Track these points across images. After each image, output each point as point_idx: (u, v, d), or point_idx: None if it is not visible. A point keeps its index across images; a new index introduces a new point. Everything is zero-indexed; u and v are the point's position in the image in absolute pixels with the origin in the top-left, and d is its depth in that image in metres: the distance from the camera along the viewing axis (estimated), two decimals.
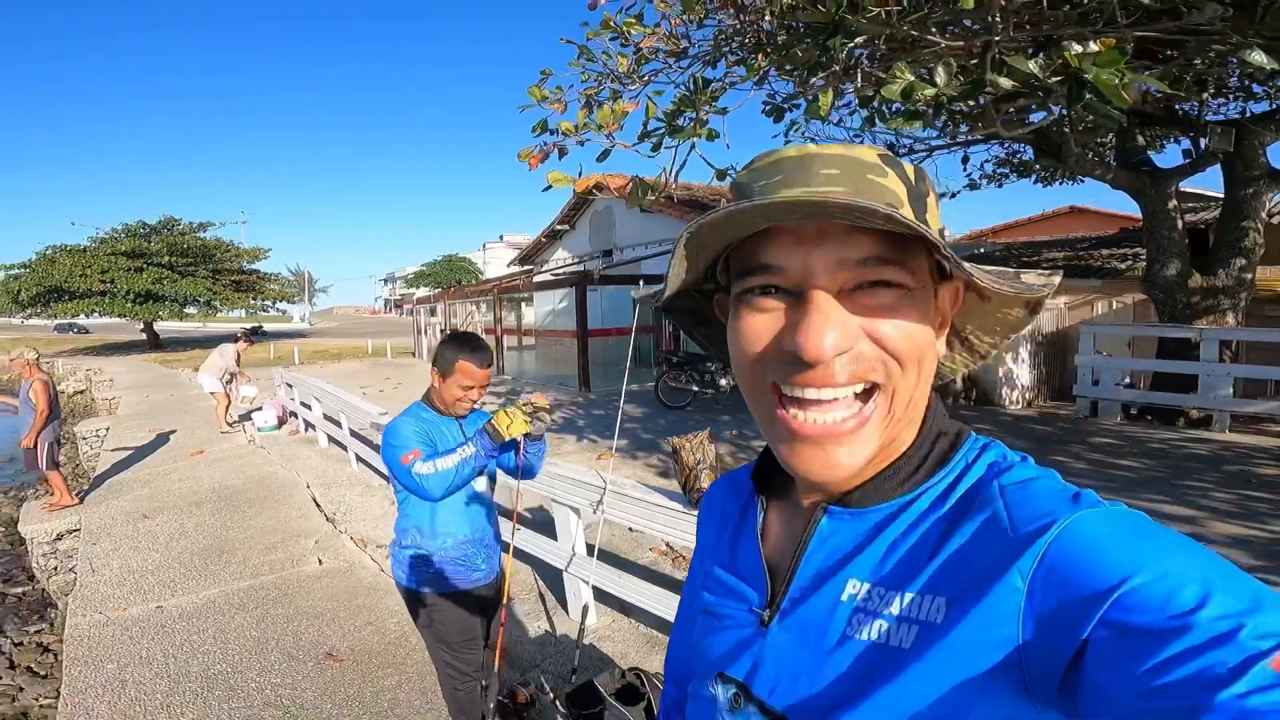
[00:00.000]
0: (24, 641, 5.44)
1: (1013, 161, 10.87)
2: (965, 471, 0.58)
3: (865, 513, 0.58)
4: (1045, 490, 0.53)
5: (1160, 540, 0.46)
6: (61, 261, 27.53)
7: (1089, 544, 0.46)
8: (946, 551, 0.53)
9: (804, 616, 0.59)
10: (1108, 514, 0.49)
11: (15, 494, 10.33)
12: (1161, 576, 0.42)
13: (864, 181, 0.53)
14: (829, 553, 0.59)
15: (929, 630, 0.51)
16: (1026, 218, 22.06)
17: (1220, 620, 0.39)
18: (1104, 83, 2.22)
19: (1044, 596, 0.46)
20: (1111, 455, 6.86)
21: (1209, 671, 0.37)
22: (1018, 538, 0.49)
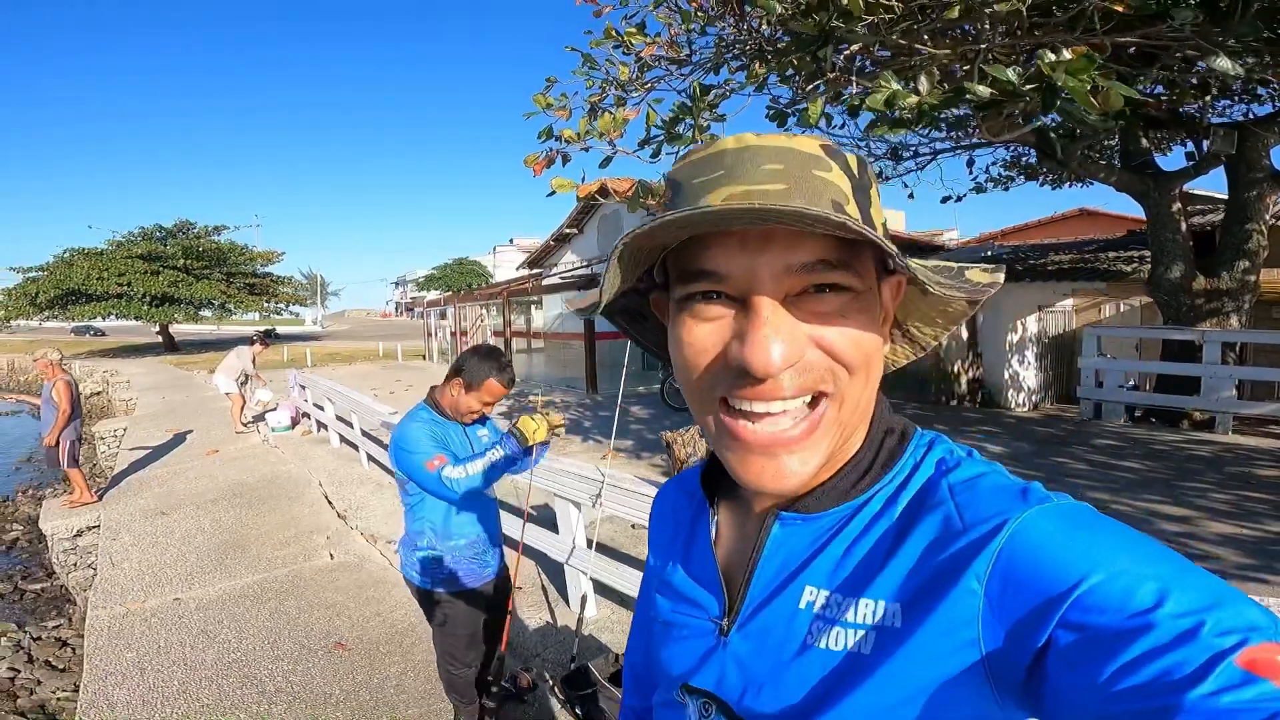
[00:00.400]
0: (42, 636, 5.58)
1: (1019, 164, 10.90)
2: (914, 471, 0.58)
3: (818, 518, 0.58)
4: (993, 487, 0.53)
5: (1112, 535, 0.46)
6: (79, 264, 27.88)
7: (1042, 543, 0.46)
8: (901, 555, 0.52)
9: (763, 625, 0.58)
10: (1057, 510, 0.49)
11: (34, 493, 10.56)
12: (1118, 574, 0.42)
13: (808, 177, 0.51)
14: (784, 560, 0.59)
15: (890, 636, 0.51)
16: (1036, 220, 22.00)
17: (1181, 618, 0.39)
18: (1074, 89, 2.32)
19: (1001, 599, 0.46)
20: (1112, 457, 6.90)
21: (1175, 671, 0.37)
22: (971, 540, 0.49)
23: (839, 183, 0.52)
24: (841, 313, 0.52)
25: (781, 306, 0.50)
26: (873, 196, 0.55)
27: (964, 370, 10.90)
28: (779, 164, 0.51)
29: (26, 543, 8.52)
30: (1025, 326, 11.09)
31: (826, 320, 0.51)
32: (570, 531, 3.86)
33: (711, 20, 4.43)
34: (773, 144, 0.52)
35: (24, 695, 4.76)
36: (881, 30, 3.24)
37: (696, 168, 0.54)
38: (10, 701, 4.70)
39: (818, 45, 3.22)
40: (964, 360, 10.91)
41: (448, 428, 2.54)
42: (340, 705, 3.14)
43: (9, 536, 8.78)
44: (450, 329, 21.55)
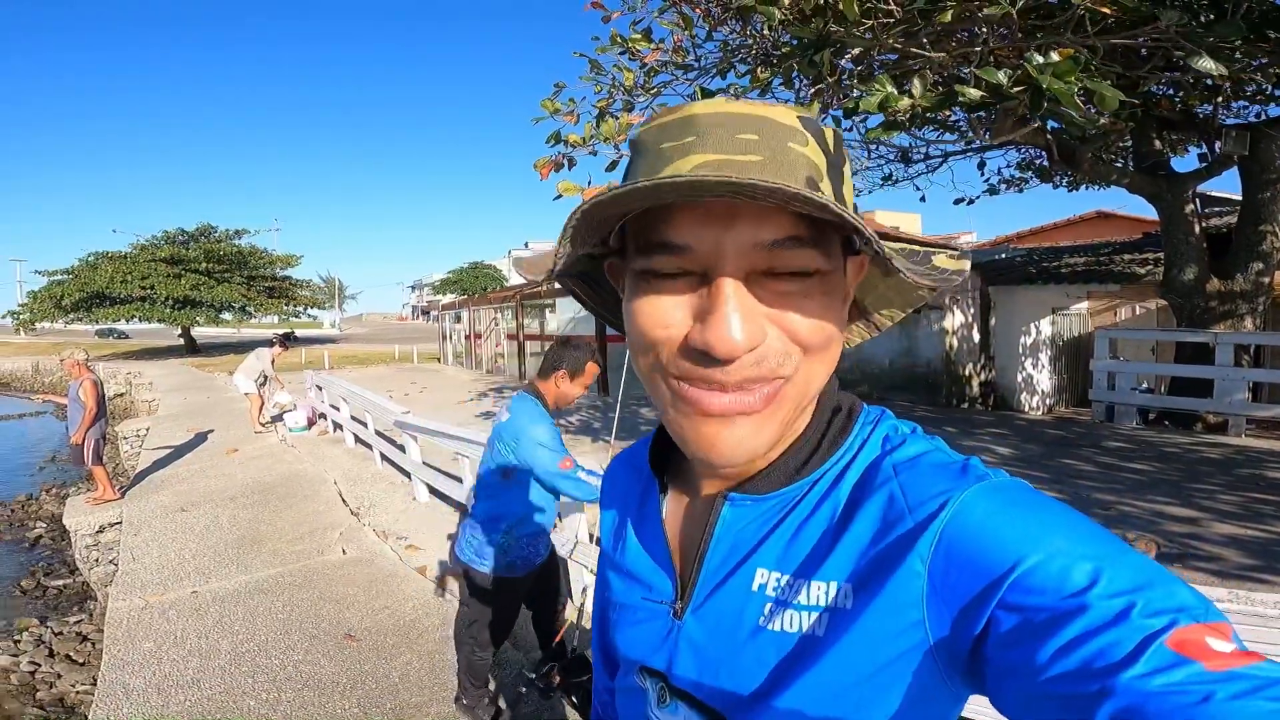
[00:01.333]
0: (64, 631, 5.72)
1: (1031, 166, 10.86)
2: (861, 449, 0.57)
3: (767, 499, 0.58)
4: (934, 465, 0.53)
5: (1047, 514, 0.46)
6: (103, 268, 28.38)
7: (980, 523, 0.47)
8: (849, 536, 0.53)
9: (716, 608, 0.58)
10: (994, 488, 0.49)
11: (58, 491, 10.79)
12: (1054, 555, 0.43)
13: (783, 150, 0.48)
14: (734, 541, 0.59)
15: (841, 617, 0.51)
16: (1053, 223, 21.86)
17: (1114, 598, 0.40)
18: (1060, 91, 2.36)
19: (944, 580, 0.47)
20: (1122, 459, 6.87)
21: (1109, 654, 0.38)
22: (915, 521, 0.50)
23: (814, 158, 0.49)
24: (805, 294, 0.49)
25: (744, 285, 0.48)
26: (845, 174, 0.54)
27: (976, 373, 10.86)
28: (754, 134, 0.48)
29: (50, 540, 8.71)
30: (1039, 329, 11.04)
31: (789, 302, 0.49)
32: (573, 527, 3.94)
33: (716, 25, 4.50)
34: (748, 111, 0.49)
35: (44, 689, 4.88)
36: (878, 35, 3.30)
37: (665, 131, 0.51)
38: (30, 695, 4.82)
39: (816, 50, 3.29)
40: (976, 363, 10.88)
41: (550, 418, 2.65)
42: (347, 694, 3.23)
43: (33, 534, 8.98)
44: (465, 332, 21.74)
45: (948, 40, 3.85)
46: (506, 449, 2.56)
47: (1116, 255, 11.88)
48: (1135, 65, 4.08)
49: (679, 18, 4.30)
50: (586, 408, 11.49)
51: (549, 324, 20.36)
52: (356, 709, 3.10)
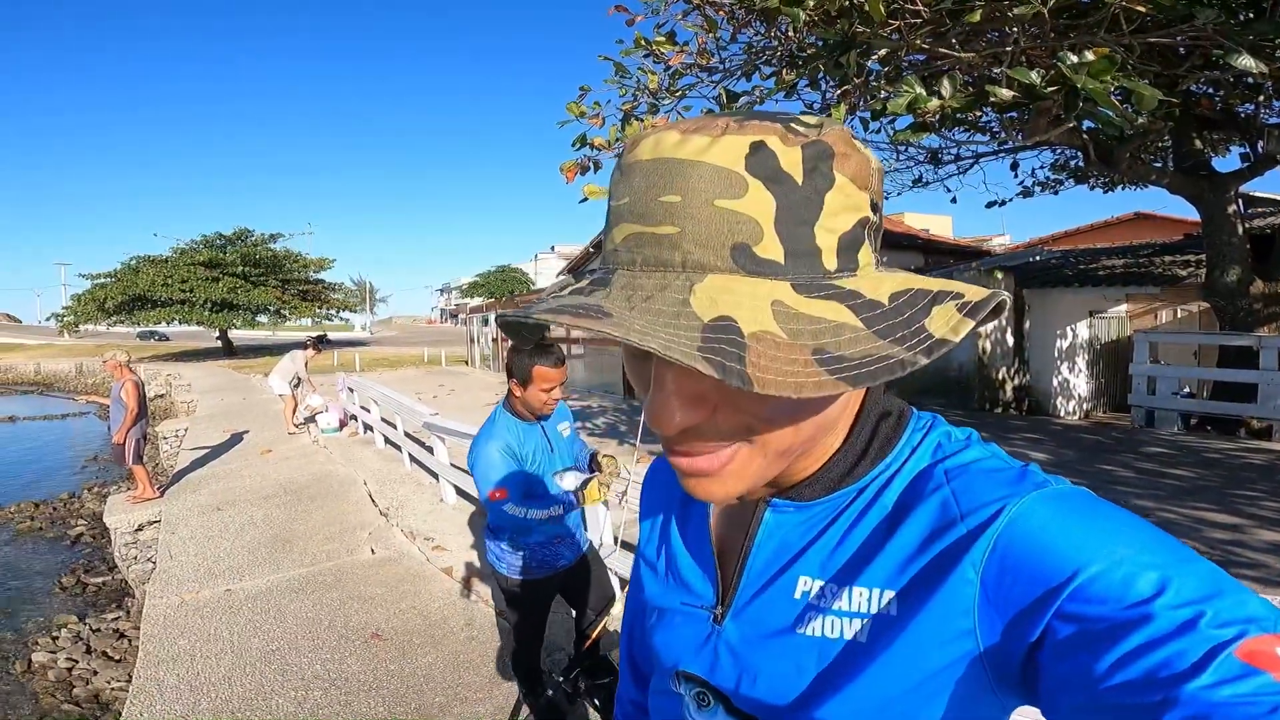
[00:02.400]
0: (101, 628, 5.87)
1: (1067, 167, 10.63)
2: (911, 455, 0.55)
3: (811, 505, 0.56)
4: (990, 471, 0.51)
5: (1111, 522, 0.45)
6: (145, 271, 29.13)
7: (1039, 531, 0.45)
8: (897, 543, 0.51)
9: (757, 613, 0.58)
10: (1054, 495, 0.47)
11: (100, 489, 11.11)
12: (1117, 564, 0.41)
13: (704, 216, 0.42)
14: (777, 547, 0.58)
15: (886, 625, 0.50)
16: (1089, 224, 21.38)
17: (1180, 609, 0.38)
18: (1095, 91, 2.31)
19: (998, 588, 0.46)
20: (1162, 465, 6.69)
21: (1173, 663, 0.36)
22: (968, 528, 0.48)
23: (752, 212, 0.42)
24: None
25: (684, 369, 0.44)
26: (830, 202, 0.44)
27: (1009, 377, 10.66)
28: (677, 194, 0.43)
29: (91, 538, 8.96)
30: (1075, 333, 10.80)
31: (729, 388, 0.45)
32: (598, 529, 3.95)
33: (741, 27, 4.48)
34: (684, 157, 0.43)
35: (80, 685, 5.01)
36: (906, 36, 3.25)
37: (617, 183, 0.47)
38: (66, 691, 4.95)
39: (841, 51, 3.25)
40: (1009, 367, 10.67)
41: (525, 431, 2.56)
42: (373, 692, 3.27)
43: (74, 531, 9.25)
44: (492, 335, 21.92)
45: (977, 40, 3.79)
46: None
47: (1156, 257, 11.58)
48: (1174, 64, 3.97)
49: (703, 20, 4.29)
50: (613, 410, 11.52)
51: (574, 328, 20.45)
52: (381, 708, 3.14)
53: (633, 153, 0.47)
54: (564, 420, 2.77)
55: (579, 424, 10.17)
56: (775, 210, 0.43)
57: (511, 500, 2.41)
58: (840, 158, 0.45)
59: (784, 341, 0.41)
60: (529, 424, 2.59)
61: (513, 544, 2.63)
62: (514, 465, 2.46)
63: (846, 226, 0.45)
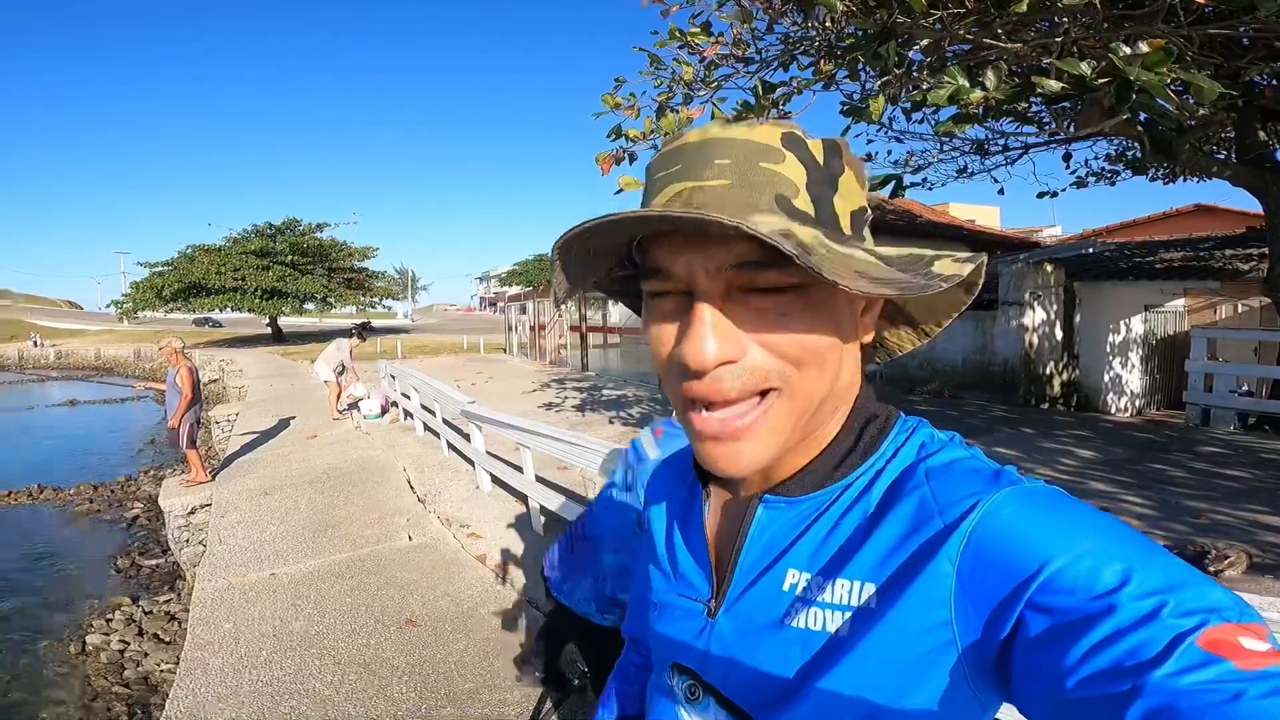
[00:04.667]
0: (153, 610, 6.06)
1: (1124, 158, 10.22)
2: (895, 455, 0.58)
3: (800, 501, 0.59)
4: (967, 470, 0.53)
5: (1079, 517, 0.47)
6: (200, 260, 30.11)
7: (1010, 525, 0.47)
8: (878, 538, 0.53)
9: (748, 606, 0.60)
10: (1025, 492, 0.49)
11: (155, 473, 11.53)
12: (1082, 556, 0.43)
13: (752, 171, 0.51)
14: (768, 542, 0.60)
15: (867, 616, 0.52)
16: (1147, 216, 20.55)
17: (1144, 599, 0.40)
18: (1150, 83, 2.21)
19: (972, 580, 0.47)
20: (1217, 465, 6.43)
21: (1138, 653, 0.38)
22: (944, 523, 0.50)
23: (790, 174, 0.51)
24: (783, 311, 0.51)
25: (722, 304, 0.51)
26: (842, 184, 0.54)
27: (1057, 372, 10.35)
28: (727, 158, 0.51)
29: (146, 520, 9.28)
30: (1129, 327, 10.43)
31: (768, 318, 0.51)
32: None
33: (776, 18, 4.41)
34: (731, 136, 0.52)
35: (131, 667, 5.17)
36: (948, 26, 3.15)
37: (664, 160, 0.55)
38: (118, 673, 5.12)
39: (880, 42, 3.17)
40: (1058, 361, 10.36)
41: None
42: (406, 677, 3.35)
43: (130, 514, 9.60)
44: (529, 324, 22.11)
45: (1024, 30, 3.66)
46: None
47: (1217, 250, 11.08)
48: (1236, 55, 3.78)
49: (738, 10, 4.22)
50: (647, 400, 11.53)
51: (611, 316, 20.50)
52: (414, 694, 3.21)
53: (679, 140, 0.55)
54: None
55: (614, 413, 10.19)
56: (806, 177, 0.52)
57: None
58: (848, 157, 0.55)
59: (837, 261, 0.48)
60: None
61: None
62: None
63: (856, 205, 0.55)
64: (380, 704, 3.14)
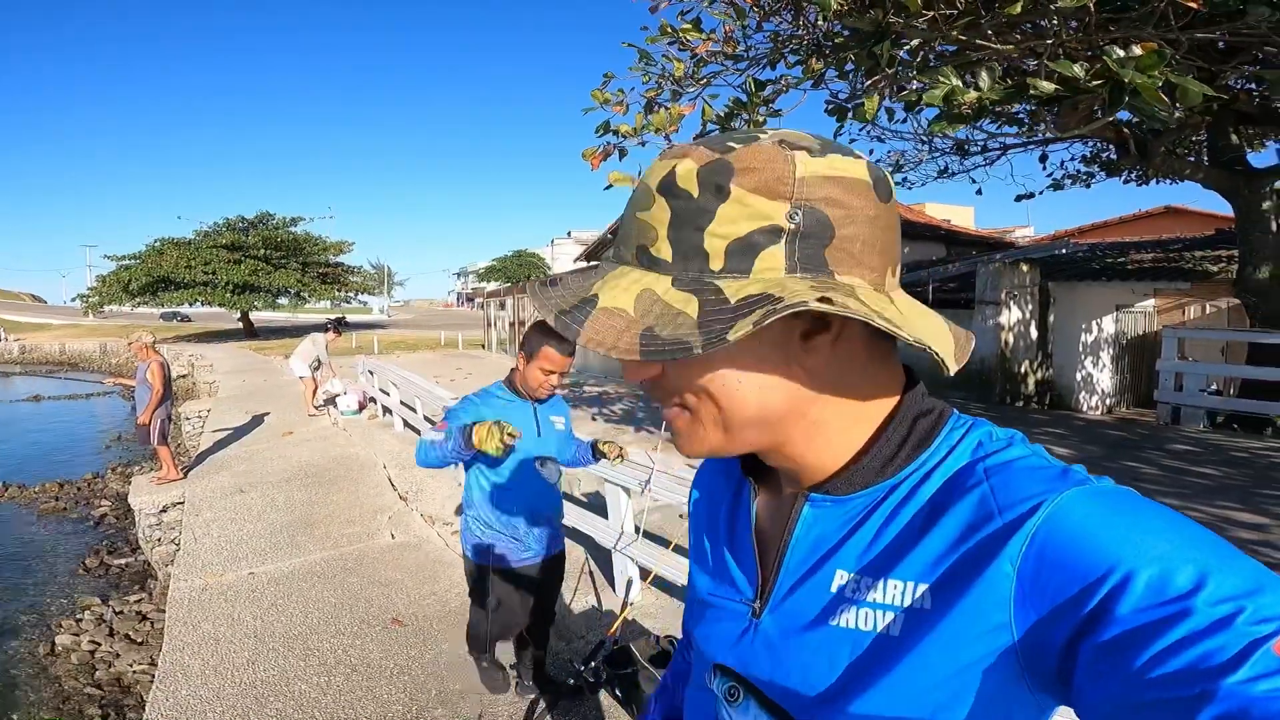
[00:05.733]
0: (124, 610, 5.86)
1: (1099, 160, 10.43)
2: (949, 453, 0.56)
3: (848, 500, 0.58)
4: (1030, 468, 0.51)
5: (1151, 519, 0.45)
6: (169, 253, 29.51)
7: (1078, 526, 0.45)
8: (933, 537, 0.52)
9: (793, 607, 0.59)
10: (1095, 491, 0.47)
11: (123, 470, 11.25)
12: (1156, 559, 0.41)
13: (629, 222, 0.56)
14: (814, 542, 0.59)
15: (919, 618, 0.50)
16: (1118, 217, 21.00)
17: (1219, 604, 0.38)
18: (1143, 86, 2.24)
19: (1035, 582, 0.46)
20: (1188, 462, 6.58)
21: (1210, 658, 0.37)
22: (1005, 522, 0.48)
23: (654, 221, 0.53)
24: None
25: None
26: (722, 212, 0.50)
27: (1032, 370, 10.53)
28: (630, 206, 0.56)
29: (114, 518, 9.02)
30: (1101, 327, 10.64)
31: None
32: (619, 517, 3.95)
33: (767, 15, 4.41)
34: (642, 181, 0.55)
35: (102, 668, 5.00)
36: (941, 26, 3.18)
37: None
38: (89, 674, 4.96)
39: (875, 41, 3.19)
40: (1032, 360, 10.54)
41: (514, 406, 2.62)
42: (394, 678, 3.30)
43: (98, 511, 9.34)
44: (509, 319, 21.98)
45: (1013, 32, 3.70)
46: None
47: (1187, 252, 11.36)
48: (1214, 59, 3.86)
49: (731, 8, 4.22)
50: (628, 397, 11.52)
51: None
52: (402, 694, 3.16)
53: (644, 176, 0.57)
54: (560, 414, 2.79)
55: (596, 409, 10.17)
56: (670, 218, 0.52)
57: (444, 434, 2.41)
58: (742, 173, 0.50)
59: (628, 317, 0.51)
60: (522, 401, 2.64)
61: (472, 523, 2.69)
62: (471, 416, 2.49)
63: (739, 233, 0.50)
64: (369, 706, 3.08)
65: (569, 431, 2.86)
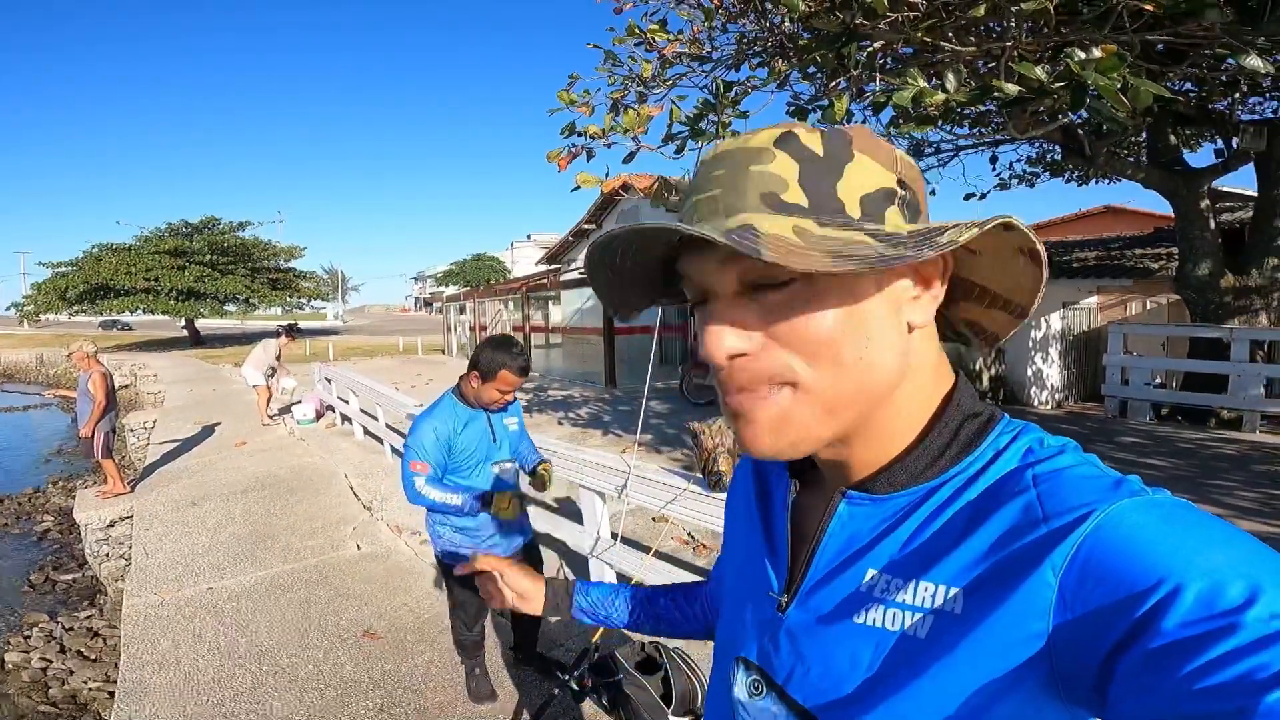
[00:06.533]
0: (74, 627, 5.62)
1: (1044, 161, 10.79)
2: (996, 458, 0.55)
3: (887, 499, 0.57)
4: (1082, 477, 0.50)
5: (1204, 531, 0.43)
6: (108, 260, 28.38)
7: (1128, 537, 0.44)
8: (973, 541, 0.51)
9: (820, 603, 0.58)
10: (1149, 503, 0.46)
11: (65, 484, 10.77)
12: (1206, 573, 0.40)
13: (739, 176, 0.53)
14: (848, 539, 0.58)
15: (951, 623, 0.49)
16: (1061, 217, 21.75)
17: (1270, 621, 0.37)
18: (1104, 88, 2.32)
19: (1078, 592, 0.44)
20: (1137, 454, 6.85)
21: (1257, 673, 0.36)
22: (1051, 529, 0.47)
23: (779, 171, 0.52)
24: (790, 303, 0.51)
25: (733, 302, 0.53)
26: (849, 170, 0.53)
27: (985, 367, 10.83)
28: (722, 168, 0.54)
29: (58, 533, 8.65)
30: (1048, 323, 10.99)
31: (776, 313, 0.52)
32: (595, 523, 3.91)
33: (733, 17, 4.44)
34: (729, 148, 0.55)
35: (56, 686, 4.82)
36: (905, 27, 3.24)
37: (695, 176, 0.59)
38: (42, 692, 4.76)
39: (841, 43, 3.24)
40: (986, 357, 10.84)
41: (470, 417, 2.70)
42: (370, 693, 3.21)
43: (40, 527, 8.93)
44: (469, 324, 21.72)
45: (972, 34, 3.80)
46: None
47: (1128, 250, 11.82)
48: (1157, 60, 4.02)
49: (698, 9, 4.24)
50: (594, 400, 11.48)
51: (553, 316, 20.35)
52: (380, 710, 3.08)
53: (706, 153, 0.58)
54: (513, 415, 2.91)
55: (562, 414, 10.11)
56: (799, 171, 0.53)
57: (428, 478, 2.59)
58: (860, 143, 0.55)
59: (798, 244, 0.48)
60: (475, 411, 2.72)
61: (442, 523, 2.77)
62: (442, 450, 2.64)
63: (873, 187, 0.53)
64: None
65: (522, 429, 2.98)
